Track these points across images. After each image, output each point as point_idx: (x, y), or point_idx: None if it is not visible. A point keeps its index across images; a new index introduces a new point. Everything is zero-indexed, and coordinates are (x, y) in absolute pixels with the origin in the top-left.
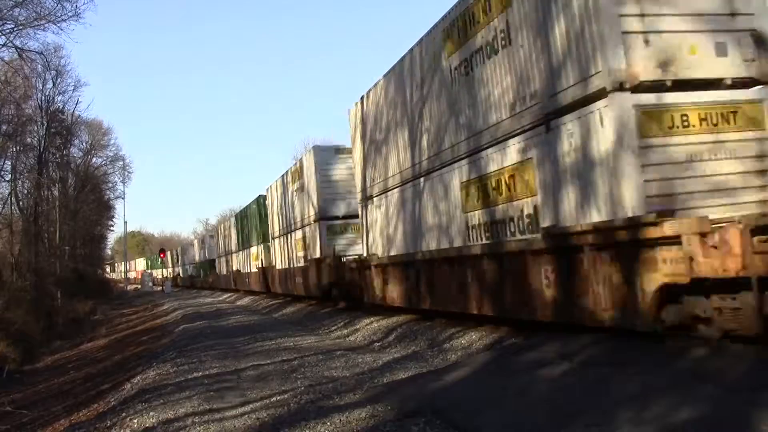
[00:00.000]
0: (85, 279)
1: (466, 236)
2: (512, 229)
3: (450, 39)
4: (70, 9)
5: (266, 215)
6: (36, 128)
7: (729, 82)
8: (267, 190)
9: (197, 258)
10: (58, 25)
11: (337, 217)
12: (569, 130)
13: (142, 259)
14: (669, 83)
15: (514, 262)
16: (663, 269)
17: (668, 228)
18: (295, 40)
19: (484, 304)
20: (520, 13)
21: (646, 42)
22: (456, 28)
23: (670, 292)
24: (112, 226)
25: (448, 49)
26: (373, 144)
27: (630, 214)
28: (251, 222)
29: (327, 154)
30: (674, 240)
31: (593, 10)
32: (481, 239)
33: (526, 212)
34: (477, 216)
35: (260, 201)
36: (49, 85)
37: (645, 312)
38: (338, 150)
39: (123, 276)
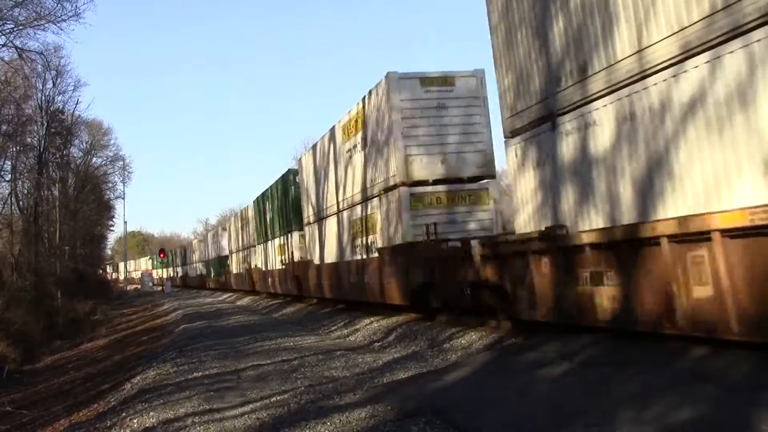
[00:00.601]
0: (85, 279)
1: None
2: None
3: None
4: (70, 9)
5: (297, 196)
6: (36, 128)
7: None
8: (299, 162)
9: (207, 255)
10: (58, 25)
11: (425, 182)
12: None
13: (145, 258)
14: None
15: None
16: None
17: None
18: (294, 40)
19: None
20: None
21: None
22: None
23: None
24: (112, 226)
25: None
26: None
27: None
28: (275, 206)
29: (409, 84)
30: None
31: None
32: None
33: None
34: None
35: (289, 178)
36: (49, 85)
37: None
38: (425, 80)
39: (123, 276)
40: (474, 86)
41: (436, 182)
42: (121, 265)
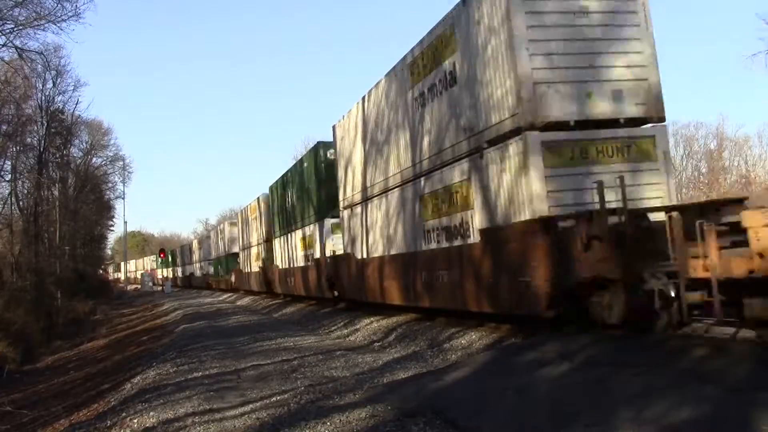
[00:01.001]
0: (85, 279)
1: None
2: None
3: None
4: (70, 9)
5: (331, 175)
6: (36, 128)
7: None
8: (333, 131)
9: (212, 252)
10: (58, 25)
11: (564, 125)
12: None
13: (150, 257)
14: None
15: None
16: None
17: None
18: (295, 40)
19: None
20: None
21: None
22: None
23: None
24: (112, 226)
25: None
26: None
27: None
28: (298, 191)
29: None
30: None
31: None
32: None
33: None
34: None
35: (319, 153)
36: (49, 85)
37: None
38: None
39: (123, 276)
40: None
41: (578, 126)
42: (128, 264)
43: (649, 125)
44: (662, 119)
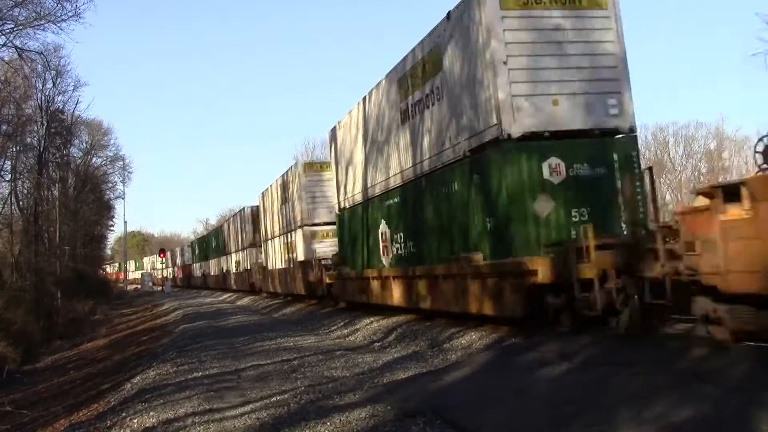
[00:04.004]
0: (85, 279)
1: None
2: None
3: None
4: (70, 9)
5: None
6: (36, 128)
7: None
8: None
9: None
10: (58, 25)
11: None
12: None
13: (152, 257)
14: None
15: None
16: None
17: None
18: (295, 40)
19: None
20: None
21: None
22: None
23: None
24: (112, 226)
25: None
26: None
27: None
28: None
29: None
30: None
31: None
32: None
33: None
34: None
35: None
36: (49, 85)
37: None
38: None
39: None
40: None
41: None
42: (131, 263)
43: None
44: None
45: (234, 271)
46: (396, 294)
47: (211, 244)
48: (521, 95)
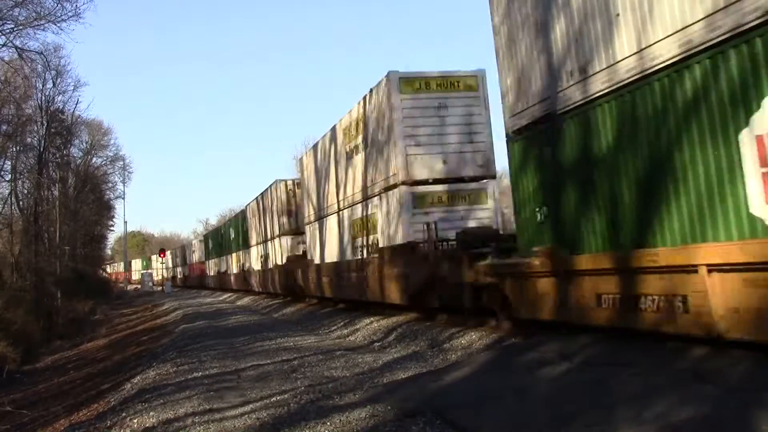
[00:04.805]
0: (85, 279)
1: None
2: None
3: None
4: (70, 9)
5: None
6: (36, 128)
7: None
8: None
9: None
10: (58, 25)
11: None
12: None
13: (154, 257)
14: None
15: None
16: None
17: None
18: (295, 40)
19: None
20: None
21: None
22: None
23: None
24: (112, 226)
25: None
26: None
27: None
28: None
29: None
30: None
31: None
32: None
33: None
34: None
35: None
36: (49, 85)
37: None
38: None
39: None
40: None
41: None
42: (134, 263)
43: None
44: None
45: (259, 267)
46: None
47: (228, 235)
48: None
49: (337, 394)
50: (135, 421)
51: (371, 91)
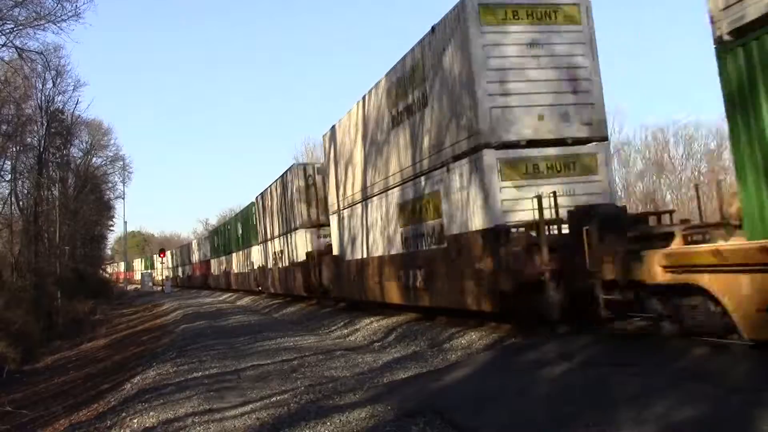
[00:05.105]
0: (85, 279)
1: None
2: None
3: None
4: (70, 9)
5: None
6: (36, 128)
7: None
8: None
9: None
10: (58, 25)
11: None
12: None
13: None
14: None
15: None
16: None
17: None
18: (295, 40)
19: None
20: None
21: None
22: None
23: None
24: (112, 226)
25: None
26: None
27: None
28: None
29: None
30: None
31: None
32: None
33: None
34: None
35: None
36: (49, 85)
37: None
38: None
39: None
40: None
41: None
42: (136, 262)
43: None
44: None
45: (271, 265)
46: None
47: (235, 232)
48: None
49: (337, 394)
50: (135, 421)
51: (433, 29)
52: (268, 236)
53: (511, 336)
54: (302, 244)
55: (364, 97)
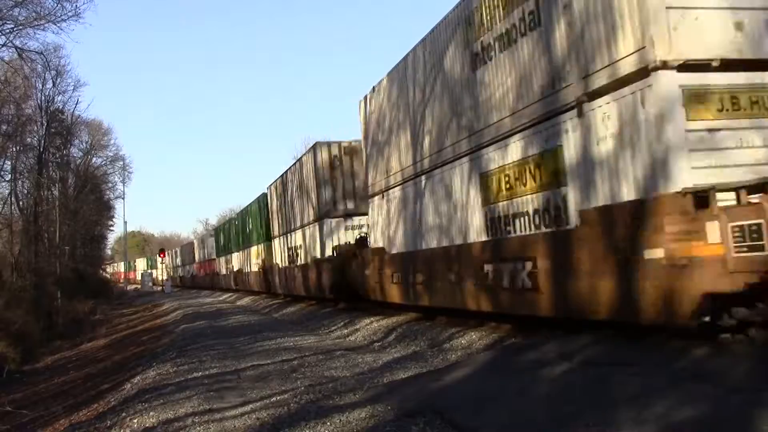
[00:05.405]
0: (85, 279)
1: None
2: None
3: None
4: (70, 9)
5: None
6: (36, 128)
7: None
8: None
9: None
10: (58, 25)
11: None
12: None
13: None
14: None
15: None
16: None
17: None
18: (295, 40)
19: None
20: None
21: None
22: None
23: None
24: (112, 226)
25: None
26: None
27: None
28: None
29: None
30: None
31: None
32: None
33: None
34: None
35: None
36: (49, 85)
37: None
38: None
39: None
40: None
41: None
42: (139, 262)
43: None
44: None
45: (286, 264)
46: None
47: (245, 226)
48: None
49: (337, 394)
50: (135, 421)
51: None
52: (287, 229)
53: (511, 336)
54: (328, 236)
55: (421, 42)
